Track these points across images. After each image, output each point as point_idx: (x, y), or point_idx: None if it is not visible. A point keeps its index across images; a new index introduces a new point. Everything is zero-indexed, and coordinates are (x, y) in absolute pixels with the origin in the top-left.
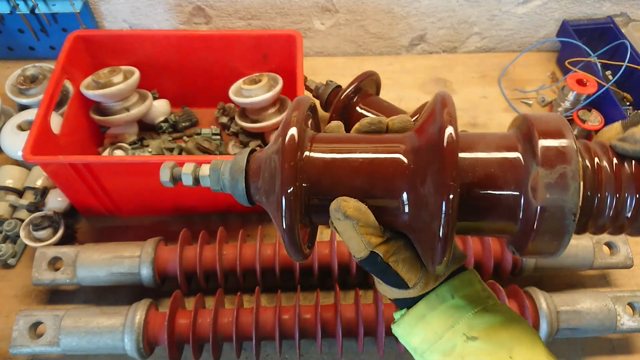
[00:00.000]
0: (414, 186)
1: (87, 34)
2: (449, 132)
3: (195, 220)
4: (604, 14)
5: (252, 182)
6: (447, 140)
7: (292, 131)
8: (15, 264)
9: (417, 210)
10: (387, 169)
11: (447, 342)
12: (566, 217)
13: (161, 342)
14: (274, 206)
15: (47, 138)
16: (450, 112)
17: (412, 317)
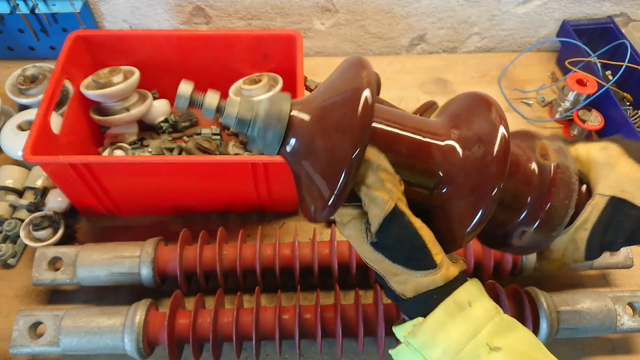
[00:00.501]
0: (461, 175)
1: (87, 34)
2: (501, 132)
3: (195, 220)
4: (604, 14)
5: (295, 124)
6: (500, 142)
7: (367, 93)
8: (15, 264)
9: (459, 193)
10: (438, 154)
11: (471, 354)
12: (572, 175)
13: (161, 342)
14: (320, 160)
15: (47, 138)
16: (500, 111)
17: (431, 325)
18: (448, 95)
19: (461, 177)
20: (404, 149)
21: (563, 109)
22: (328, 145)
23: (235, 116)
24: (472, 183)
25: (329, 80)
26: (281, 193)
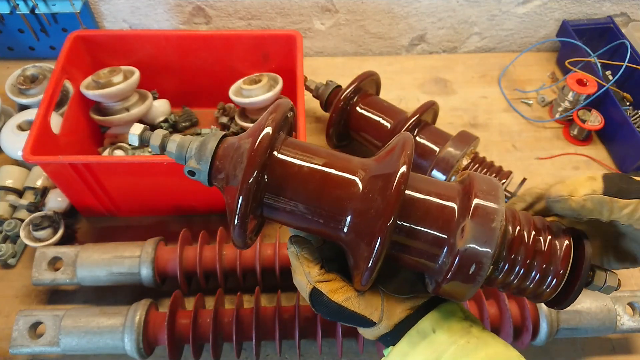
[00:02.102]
0: (359, 208)
1: (87, 34)
2: (402, 170)
3: (195, 220)
4: (604, 14)
5: (218, 164)
6: (399, 179)
7: (267, 130)
8: (15, 264)
9: (356, 229)
10: (341, 187)
11: None
12: (480, 266)
13: (161, 342)
14: (232, 192)
15: (47, 138)
16: (409, 155)
17: (395, 356)
18: (448, 95)
19: (361, 211)
20: (311, 185)
21: (563, 109)
22: (230, 185)
23: (173, 152)
24: (368, 219)
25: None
26: None
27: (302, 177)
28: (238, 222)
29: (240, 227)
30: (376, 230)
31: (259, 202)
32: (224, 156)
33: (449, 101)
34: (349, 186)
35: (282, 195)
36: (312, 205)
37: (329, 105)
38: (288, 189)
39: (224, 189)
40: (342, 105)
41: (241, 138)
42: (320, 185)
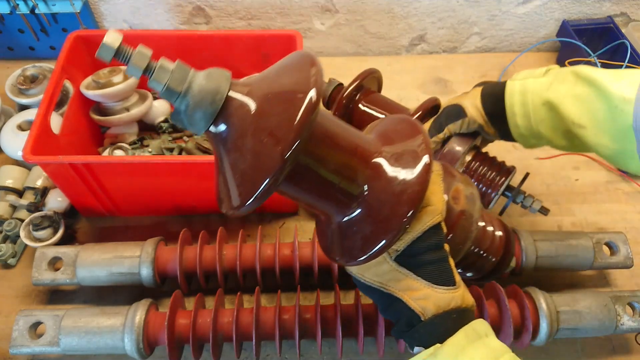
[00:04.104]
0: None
1: (87, 34)
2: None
3: (195, 220)
4: (604, 14)
5: (231, 111)
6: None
7: (313, 93)
8: (15, 264)
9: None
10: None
11: None
12: (473, 224)
13: (161, 342)
14: (249, 164)
15: (47, 138)
16: (427, 143)
17: (452, 347)
18: (448, 95)
19: (380, 193)
20: (337, 158)
21: None
22: (257, 148)
23: (164, 84)
24: (388, 203)
25: (277, 67)
26: None
27: (336, 153)
28: (245, 207)
29: (263, 196)
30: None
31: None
32: (239, 107)
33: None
34: (376, 168)
35: (314, 160)
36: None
37: (331, 103)
38: (320, 157)
39: (228, 143)
40: (344, 102)
41: (267, 91)
42: (348, 163)
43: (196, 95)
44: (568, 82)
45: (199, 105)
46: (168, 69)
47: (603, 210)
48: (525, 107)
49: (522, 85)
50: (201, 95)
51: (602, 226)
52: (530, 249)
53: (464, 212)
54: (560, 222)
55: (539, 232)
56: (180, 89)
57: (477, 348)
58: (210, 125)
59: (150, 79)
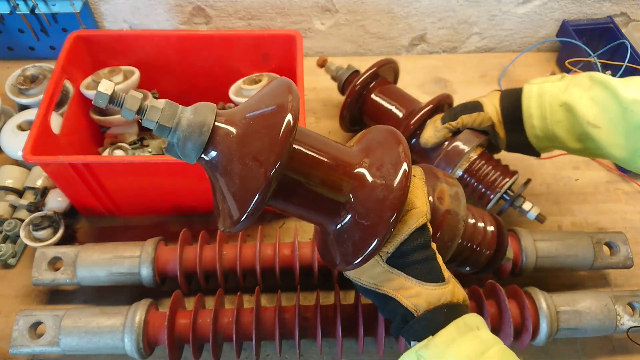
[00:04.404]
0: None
1: (87, 34)
2: (404, 168)
3: (195, 220)
4: (604, 14)
5: (218, 140)
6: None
7: (289, 117)
8: (15, 264)
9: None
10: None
11: None
12: (459, 221)
13: (161, 342)
14: (238, 186)
15: (47, 138)
16: (406, 151)
17: (443, 338)
18: None
19: (365, 201)
20: (320, 173)
21: None
22: (243, 172)
23: (155, 122)
24: (373, 209)
25: (256, 97)
26: None
27: (318, 170)
28: (242, 222)
29: (254, 214)
30: (382, 220)
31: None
32: (225, 135)
33: None
34: (359, 179)
35: (296, 182)
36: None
37: (346, 88)
38: (303, 175)
39: (218, 169)
40: (357, 89)
41: (249, 118)
42: (331, 177)
43: (185, 129)
44: (584, 85)
45: (188, 137)
46: (158, 108)
47: (603, 210)
48: (542, 109)
49: (540, 88)
50: (190, 128)
51: (602, 226)
52: (530, 249)
53: (449, 212)
54: (560, 222)
55: (539, 232)
56: (170, 124)
57: (467, 339)
58: (200, 154)
59: (143, 118)
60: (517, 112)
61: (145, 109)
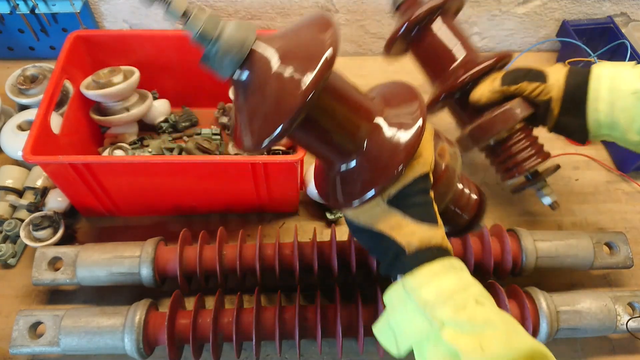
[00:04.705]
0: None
1: (87, 34)
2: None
3: (195, 220)
4: (604, 14)
5: (257, 56)
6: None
7: (330, 49)
8: (15, 264)
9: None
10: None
11: (460, 301)
12: (455, 177)
13: (161, 342)
14: (270, 106)
15: (47, 138)
16: (422, 107)
17: (428, 271)
18: None
19: (379, 146)
20: (345, 111)
21: None
22: (279, 92)
23: (198, 29)
24: (385, 154)
25: (296, 26)
26: (281, 193)
27: (345, 103)
28: (266, 144)
29: (282, 135)
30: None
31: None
32: (263, 55)
33: None
34: (376, 126)
35: (322, 113)
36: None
37: (401, 9)
38: (330, 108)
39: (251, 87)
40: (425, 12)
41: (289, 44)
42: (354, 114)
43: (226, 42)
44: None
45: (228, 51)
46: (203, 15)
47: (603, 210)
48: (612, 93)
49: (613, 72)
50: (231, 42)
51: (602, 226)
52: (530, 249)
53: (448, 168)
54: (560, 222)
55: (539, 232)
56: (212, 34)
57: (451, 275)
58: (236, 70)
59: (185, 23)
60: (581, 93)
61: (191, 14)
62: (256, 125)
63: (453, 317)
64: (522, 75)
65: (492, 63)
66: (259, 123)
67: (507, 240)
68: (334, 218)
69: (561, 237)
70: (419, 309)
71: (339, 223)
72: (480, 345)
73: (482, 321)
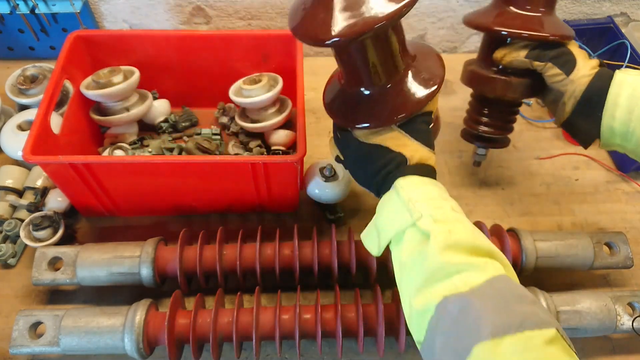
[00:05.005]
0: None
1: (87, 34)
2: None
3: (195, 220)
4: (604, 14)
5: None
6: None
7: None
8: (15, 264)
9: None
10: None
11: (438, 204)
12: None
13: (161, 342)
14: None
15: (47, 138)
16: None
17: (420, 180)
18: (448, 95)
19: (414, 79)
20: (400, 44)
21: None
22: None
23: None
24: (412, 91)
25: None
26: (281, 193)
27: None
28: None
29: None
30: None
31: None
32: None
33: (449, 101)
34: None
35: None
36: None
37: None
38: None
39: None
40: None
41: None
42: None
43: None
44: None
45: None
46: None
47: (603, 210)
48: (631, 101)
49: (636, 79)
50: None
51: (602, 226)
52: (530, 249)
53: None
54: (560, 222)
55: (539, 232)
56: None
57: (435, 188)
58: None
59: None
60: (600, 98)
61: None
62: (348, 19)
63: (430, 211)
64: (551, 55)
65: (548, 39)
66: (352, 18)
67: (507, 240)
68: (334, 218)
69: (561, 237)
70: (404, 203)
71: (339, 223)
72: (449, 230)
73: (454, 219)
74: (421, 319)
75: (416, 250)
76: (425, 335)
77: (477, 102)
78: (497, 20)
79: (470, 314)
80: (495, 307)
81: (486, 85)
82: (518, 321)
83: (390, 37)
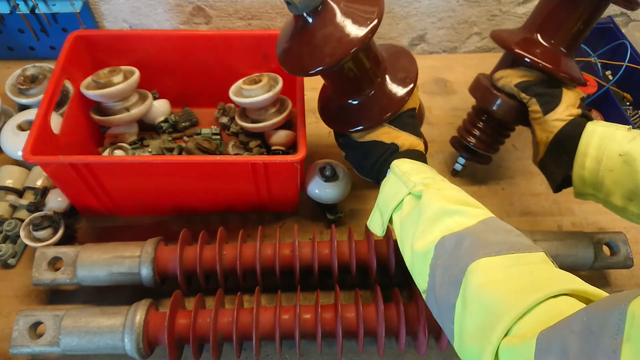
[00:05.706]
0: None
1: (87, 34)
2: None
3: (195, 220)
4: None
5: (327, 4)
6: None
7: (376, 20)
8: (15, 264)
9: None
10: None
11: (429, 175)
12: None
13: (161, 342)
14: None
15: (47, 138)
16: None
17: (411, 162)
18: (448, 95)
19: (388, 87)
20: (374, 60)
21: None
22: (336, 34)
23: None
24: (393, 92)
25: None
26: (281, 193)
27: (372, 56)
28: (354, 51)
29: (354, 52)
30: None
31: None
32: (331, 8)
33: (449, 101)
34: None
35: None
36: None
37: None
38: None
39: (318, 21)
40: None
41: (348, 6)
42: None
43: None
44: None
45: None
46: None
47: (603, 210)
48: (599, 151)
49: (605, 130)
50: None
51: (602, 226)
52: None
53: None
54: (560, 222)
55: (539, 232)
56: None
57: (424, 167)
58: (311, 9)
59: None
60: (571, 144)
61: None
62: (332, 47)
63: (422, 180)
64: (538, 91)
65: (558, 74)
66: (333, 46)
67: None
68: (334, 218)
69: (561, 237)
70: (399, 177)
71: (339, 223)
72: (438, 189)
73: (443, 186)
74: (423, 262)
75: (414, 209)
76: (428, 280)
77: (475, 115)
78: (521, 42)
79: (464, 244)
80: (487, 237)
81: (483, 96)
82: (508, 245)
83: (364, 55)
